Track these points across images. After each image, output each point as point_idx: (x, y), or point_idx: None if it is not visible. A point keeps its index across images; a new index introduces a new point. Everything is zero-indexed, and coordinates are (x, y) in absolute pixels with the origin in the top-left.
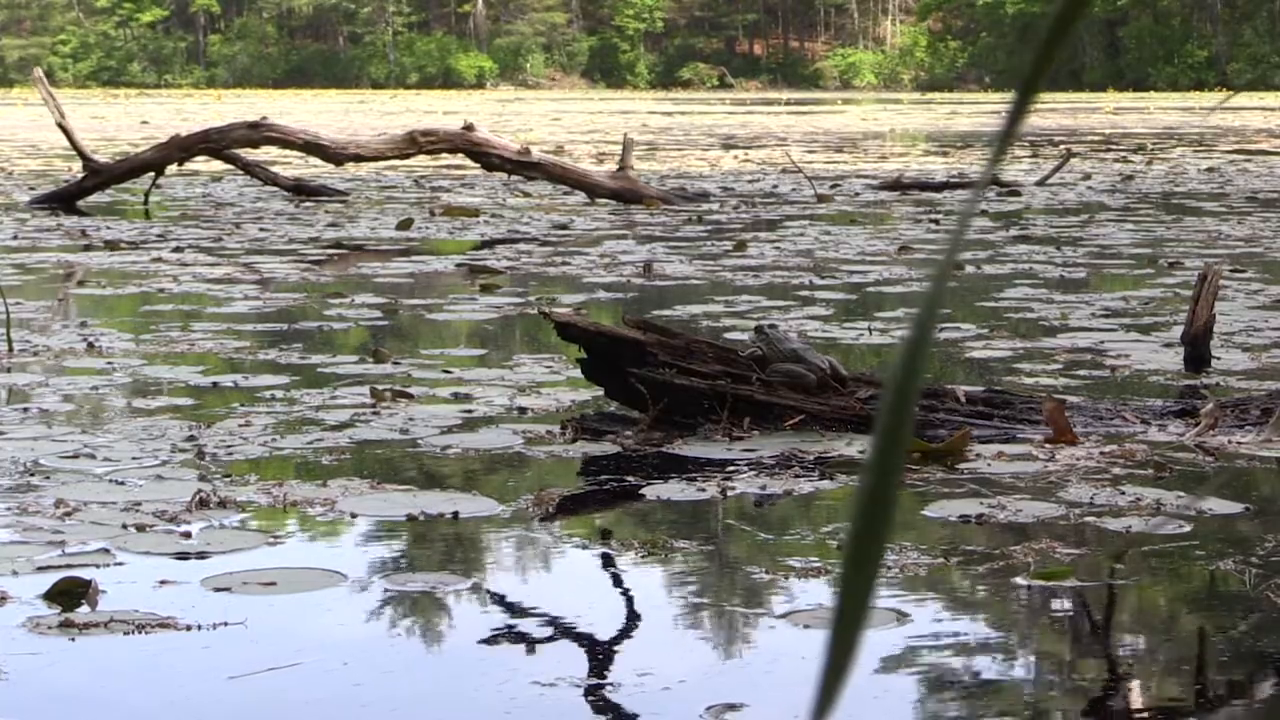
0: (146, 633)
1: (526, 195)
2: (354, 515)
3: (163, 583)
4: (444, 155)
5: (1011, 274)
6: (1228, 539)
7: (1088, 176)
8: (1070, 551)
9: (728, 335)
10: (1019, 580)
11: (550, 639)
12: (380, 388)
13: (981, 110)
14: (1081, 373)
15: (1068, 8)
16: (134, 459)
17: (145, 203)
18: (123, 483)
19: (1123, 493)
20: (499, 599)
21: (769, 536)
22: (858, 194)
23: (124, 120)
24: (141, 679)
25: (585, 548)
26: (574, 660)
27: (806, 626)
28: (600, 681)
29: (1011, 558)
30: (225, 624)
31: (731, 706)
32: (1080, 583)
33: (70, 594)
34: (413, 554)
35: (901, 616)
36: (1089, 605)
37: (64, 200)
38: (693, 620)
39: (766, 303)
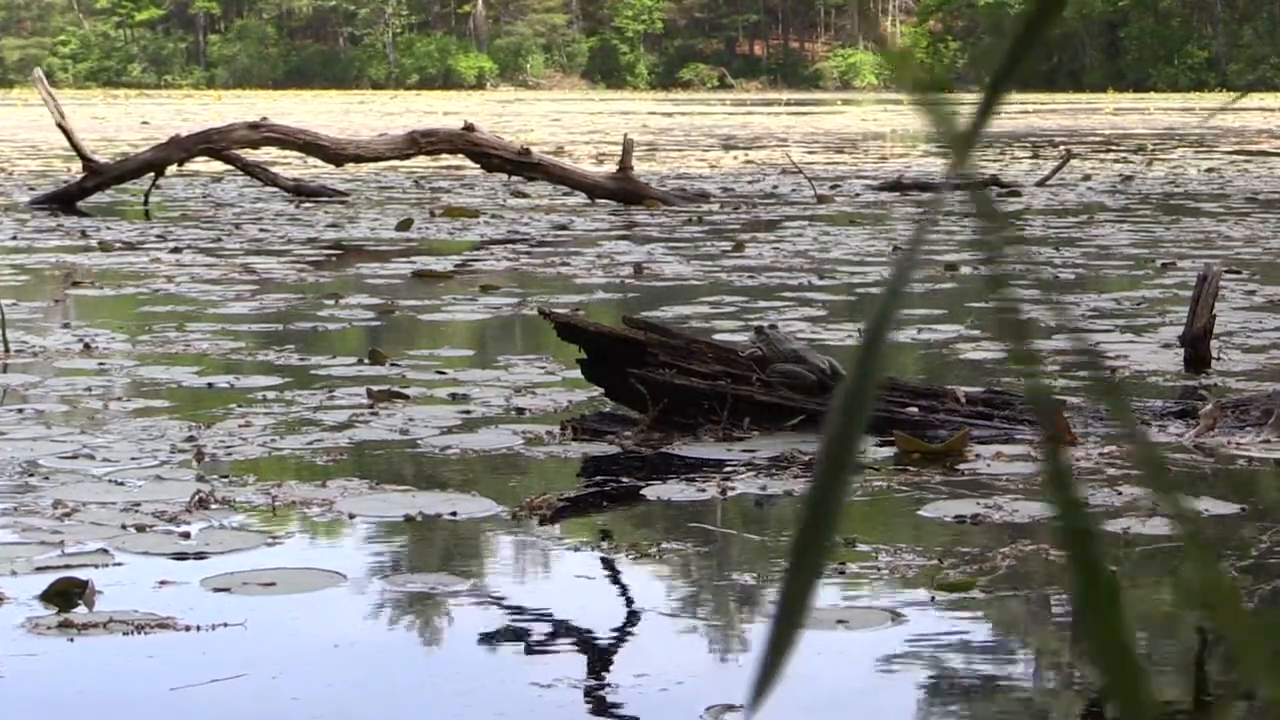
0: (146, 633)
1: (526, 196)
2: (353, 516)
3: (162, 583)
4: (444, 156)
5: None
6: (1225, 540)
7: (1088, 177)
8: (1060, 553)
9: (720, 336)
10: (922, 592)
11: (549, 640)
12: (377, 388)
13: None
14: (1081, 374)
15: (1040, 11)
16: (133, 459)
17: (145, 203)
18: (122, 483)
19: (1120, 493)
20: (498, 600)
21: (768, 537)
22: (858, 195)
23: (124, 121)
24: (141, 679)
25: (584, 548)
26: (573, 661)
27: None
28: (599, 682)
29: (1008, 559)
30: (225, 624)
31: (730, 707)
32: (986, 594)
33: (67, 594)
34: (412, 555)
35: (896, 616)
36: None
37: (64, 201)
38: (692, 621)
39: (763, 304)
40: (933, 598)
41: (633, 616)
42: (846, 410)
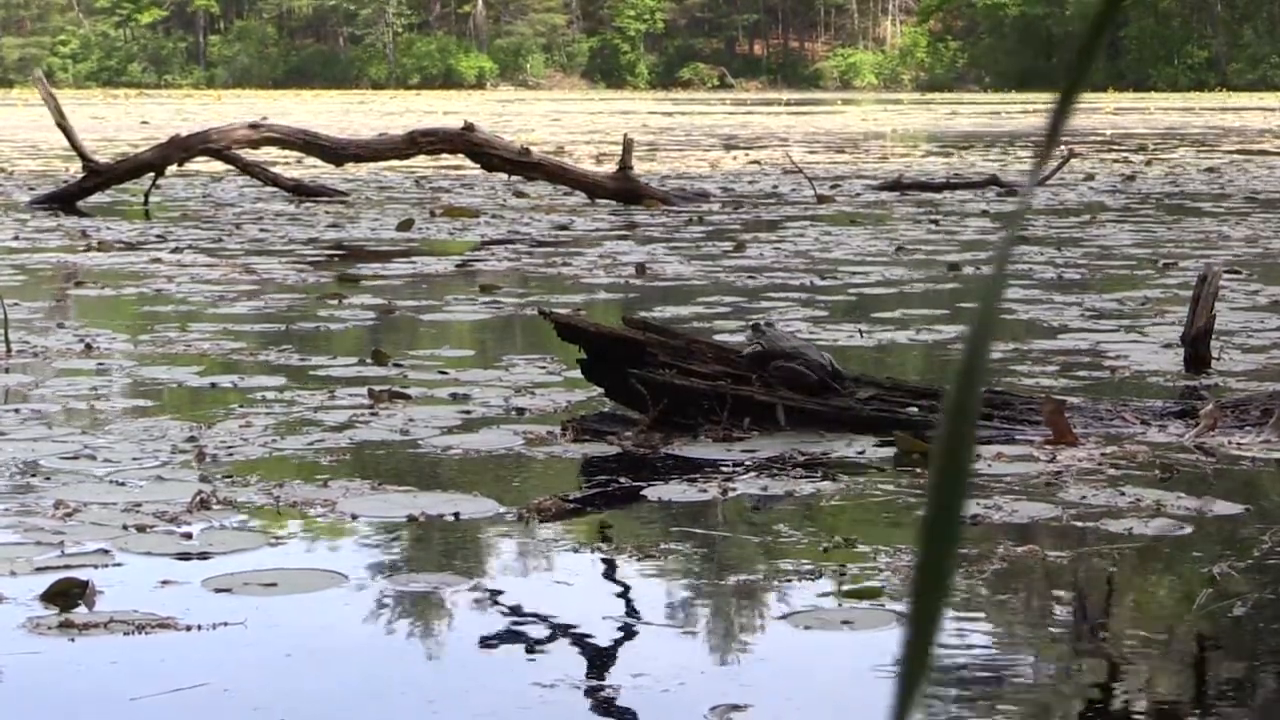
0: (147, 633)
1: (526, 196)
2: (355, 516)
3: (163, 583)
4: (444, 156)
5: (1008, 274)
6: (1226, 540)
7: (1089, 177)
8: (1061, 554)
9: (720, 336)
10: (831, 600)
11: (551, 640)
12: (378, 389)
13: (981, 111)
14: (1081, 373)
15: (1105, 8)
16: (134, 460)
17: (145, 203)
18: (123, 483)
19: (1122, 494)
20: (499, 600)
21: (769, 538)
22: (858, 194)
23: (124, 120)
24: (141, 679)
25: (586, 549)
26: (574, 661)
27: (807, 628)
28: (600, 682)
29: (1005, 559)
30: (226, 624)
31: (736, 707)
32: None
33: (67, 595)
34: (413, 555)
35: (899, 617)
36: (1087, 605)
37: (64, 201)
38: (693, 622)
39: (764, 304)
40: (839, 604)
41: (633, 617)
42: (955, 422)
